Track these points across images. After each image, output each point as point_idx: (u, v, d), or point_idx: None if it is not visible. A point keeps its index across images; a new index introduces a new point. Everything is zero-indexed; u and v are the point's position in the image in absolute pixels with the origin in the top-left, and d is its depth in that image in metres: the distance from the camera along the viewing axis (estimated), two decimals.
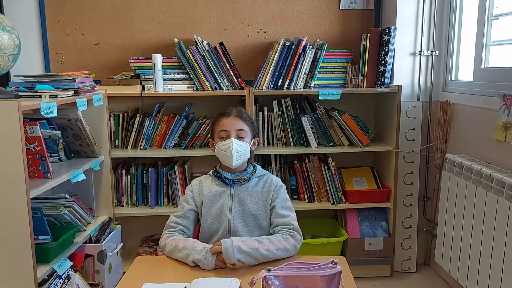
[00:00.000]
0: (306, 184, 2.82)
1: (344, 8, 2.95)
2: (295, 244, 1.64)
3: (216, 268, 1.53)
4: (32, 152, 1.90)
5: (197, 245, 1.59)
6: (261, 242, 1.59)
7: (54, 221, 2.11)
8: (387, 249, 2.81)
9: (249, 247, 1.55)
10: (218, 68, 2.73)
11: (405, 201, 2.89)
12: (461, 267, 2.30)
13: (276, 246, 1.59)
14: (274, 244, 1.60)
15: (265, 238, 1.62)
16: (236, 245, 1.53)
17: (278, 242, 1.61)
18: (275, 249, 1.59)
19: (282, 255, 1.60)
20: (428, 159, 2.90)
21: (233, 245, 1.53)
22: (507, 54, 2.33)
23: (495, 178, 2.00)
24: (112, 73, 2.84)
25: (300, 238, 1.68)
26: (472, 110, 2.45)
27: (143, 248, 2.83)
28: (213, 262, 1.53)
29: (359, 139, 2.74)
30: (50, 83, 2.08)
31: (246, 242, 1.57)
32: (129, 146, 2.77)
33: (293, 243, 1.64)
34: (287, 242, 1.62)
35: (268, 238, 1.62)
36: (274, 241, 1.61)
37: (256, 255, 1.55)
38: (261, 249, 1.56)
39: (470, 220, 2.21)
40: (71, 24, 2.85)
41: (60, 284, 1.98)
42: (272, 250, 1.58)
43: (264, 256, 1.56)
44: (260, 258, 1.56)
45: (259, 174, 1.83)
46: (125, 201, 2.77)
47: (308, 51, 2.72)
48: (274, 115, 2.77)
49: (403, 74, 2.83)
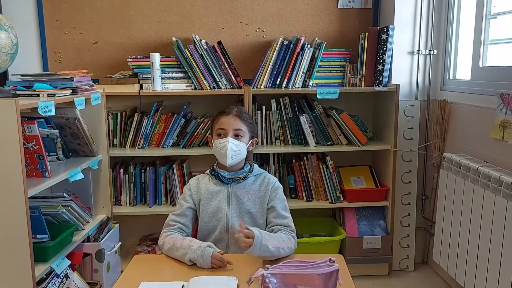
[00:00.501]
0: (305, 183, 2.83)
1: (342, 7, 2.95)
2: (294, 245, 1.68)
3: (213, 267, 1.53)
4: (30, 151, 1.90)
5: (193, 244, 1.59)
6: (277, 238, 1.61)
7: (52, 220, 2.11)
8: (385, 247, 2.81)
9: (273, 246, 1.56)
10: (217, 67, 2.73)
11: (403, 199, 2.90)
12: (459, 265, 2.31)
13: (287, 245, 1.63)
14: (285, 243, 1.63)
15: (277, 235, 1.64)
16: (264, 244, 1.53)
17: (288, 241, 1.65)
18: (287, 248, 1.62)
19: (286, 254, 1.62)
20: (426, 157, 2.91)
21: (262, 244, 1.52)
22: (505, 53, 2.33)
23: (492, 176, 2.01)
24: (110, 72, 2.84)
25: (296, 241, 1.71)
26: (470, 109, 2.46)
27: (141, 247, 2.83)
28: (209, 261, 1.53)
29: (357, 138, 2.74)
30: (48, 82, 2.08)
31: (271, 240, 1.56)
32: (127, 145, 2.77)
33: (293, 244, 1.68)
34: (291, 243, 1.66)
35: (281, 237, 1.64)
36: (285, 240, 1.64)
37: (275, 253, 1.57)
38: (280, 247, 1.58)
39: (468, 218, 2.21)
40: (69, 23, 2.85)
41: (58, 283, 1.98)
42: (285, 249, 1.61)
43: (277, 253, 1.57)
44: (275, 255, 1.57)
45: (256, 173, 1.84)
46: (123, 200, 2.77)
47: (306, 50, 2.72)
48: (272, 114, 2.77)
49: (401, 73, 2.84)
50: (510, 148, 2.08)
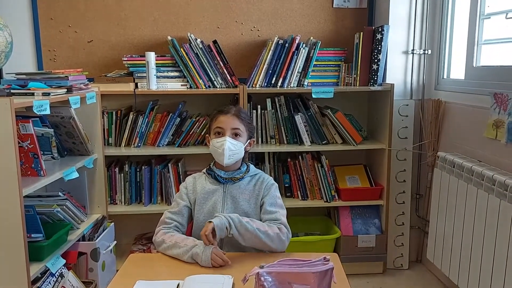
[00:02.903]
0: (300, 182, 2.84)
1: (337, 6, 2.96)
2: (280, 236, 1.65)
3: (213, 265, 1.53)
4: (24, 150, 1.90)
5: (197, 242, 1.61)
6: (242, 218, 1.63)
7: (47, 219, 2.11)
8: (380, 246, 2.83)
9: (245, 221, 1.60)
10: (212, 66, 2.73)
11: (397, 198, 2.91)
12: (452, 263, 2.33)
13: (258, 226, 1.63)
14: (255, 223, 1.64)
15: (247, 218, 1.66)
16: (227, 220, 1.58)
17: (261, 225, 1.65)
18: (256, 227, 1.61)
19: (266, 239, 1.62)
20: (420, 157, 2.93)
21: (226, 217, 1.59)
22: (499, 52, 2.35)
23: (485, 175, 2.03)
24: (105, 71, 2.83)
25: (287, 232, 1.68)
26: (463, 109, 2.47)
27: (136, 246, 2.83)
28: (209, 255, 1.54)
29: (352, 137, 2.75)
30: (42, 80, 2.07)
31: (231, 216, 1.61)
32: (123, 144, 2.76)
33: (276, 232, 1.65)
34: (270, 229, 1.65)
35: (253, 220, 1.66)
36: (256, 221, 1.65)
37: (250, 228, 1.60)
38: (243, 221, 1.60)
39: (461, 217, 2.23)
40: (64, 21, 2.84)
41: (53, 282, 1.98)
42: (254, 227, 1.61)
43: (249, 229, 1.60)
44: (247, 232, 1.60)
45: (252, 173, 1.84)
46: (118, 199, 2.76)
47: (301, 49, 2.73)
48: (268, 113, 2.78)
49: (395, 73, 2.85)
50: (503, 147, 2.09)
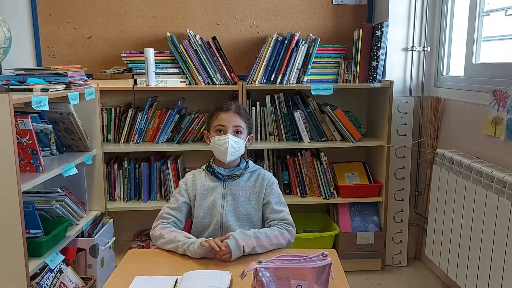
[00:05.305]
0: (299, 179, 2.84)
1: (337, 3, 2.95)
2: (289, 239, 1.69)
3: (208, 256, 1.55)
4: (23, 146, 1.90)
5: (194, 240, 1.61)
6: (259, 238, 1.61)
7: (46, 215, 2.11)
8: (378, 243, 2.83)
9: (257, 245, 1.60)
10: (211, 62, 2.73)
11: (396, 195, 2.92)
12: (451, 260, 2.33)
13: (271, 241, 1.64)
14: (270, 239, 1.63)
15: (263, 233, 1.64)
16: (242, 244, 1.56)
17: (274, 238, 1.65)
18: (270, 245, 1.63)
19: (277, 247, 1.65)
20: (419, 154, 2.93)
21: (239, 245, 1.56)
22: (498, 49, 2.34)
23: (484, 172, 2.03)
24: (104, 67, 2.83)
25: (295, 233, 1.73)
26: (462, 106, 2.47)
27: (135, 243, 2.83)
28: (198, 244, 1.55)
29: (351, 134, 2.75)
30: (41, 76, 2.07)
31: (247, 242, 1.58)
32: (122, 141, 2.76)
33: (288, 238, 1.69)
34: (282, 237, 1.67)
35: (266, 233, 1.65)
36: (271, 236, 1.64)
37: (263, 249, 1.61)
38: (257, 246, 1.60)
39: (460, 214, 2.23)
40: (63, 17, 2.83)
41: (52, 278, 1.98)
42: (267, 246, 1.62)
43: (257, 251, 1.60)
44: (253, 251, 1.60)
45: (251, 169, 1.84)
46: (117, 196, 2.76)
47: (301, 46, 2.72)
48: (267, 110, 2.78)
49: (395, 70, 2.85)
50: (502, 144, 2.09)
